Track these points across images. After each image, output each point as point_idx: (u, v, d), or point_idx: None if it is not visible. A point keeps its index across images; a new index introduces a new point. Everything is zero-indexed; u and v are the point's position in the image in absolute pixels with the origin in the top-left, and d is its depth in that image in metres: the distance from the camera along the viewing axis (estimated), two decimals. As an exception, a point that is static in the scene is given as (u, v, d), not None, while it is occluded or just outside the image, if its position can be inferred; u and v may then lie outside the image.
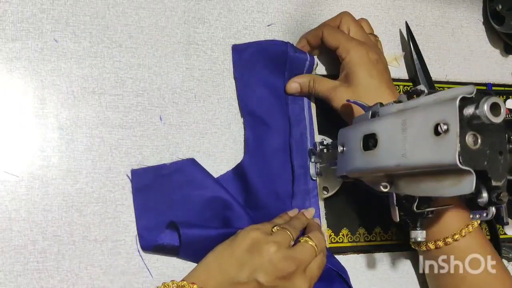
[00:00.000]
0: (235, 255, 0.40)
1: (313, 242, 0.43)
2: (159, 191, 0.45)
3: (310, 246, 0.43)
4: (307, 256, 0.42)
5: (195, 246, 0.44)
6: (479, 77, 0.61)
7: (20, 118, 0.43)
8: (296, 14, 0.54)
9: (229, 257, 0.40)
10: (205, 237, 0.44)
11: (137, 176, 0.45)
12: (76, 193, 0.43)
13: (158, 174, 0.46)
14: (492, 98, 0.29)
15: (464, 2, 0.62)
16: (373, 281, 0.52)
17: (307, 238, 0.43)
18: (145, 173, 0.45)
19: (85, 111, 0.44)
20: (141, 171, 0.45)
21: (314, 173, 0.50)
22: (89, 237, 0.43)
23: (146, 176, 0.45)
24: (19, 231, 0.41)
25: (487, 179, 0.31)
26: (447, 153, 0.30)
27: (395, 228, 0.53)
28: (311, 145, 0.50)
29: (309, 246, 0.43)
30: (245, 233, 0.42)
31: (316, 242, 0.43)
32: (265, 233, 0.42)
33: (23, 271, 0.41)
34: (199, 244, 0.43)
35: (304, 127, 0.51)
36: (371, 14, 0.57)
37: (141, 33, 0.47)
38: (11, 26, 0.43)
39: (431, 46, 0.59)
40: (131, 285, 0.44)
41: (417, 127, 0.33)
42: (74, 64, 0.45)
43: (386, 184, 0.38)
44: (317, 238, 0.44)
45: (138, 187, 0.45)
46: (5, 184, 0.42)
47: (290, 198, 0.49)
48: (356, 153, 0.40)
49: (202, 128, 0.49)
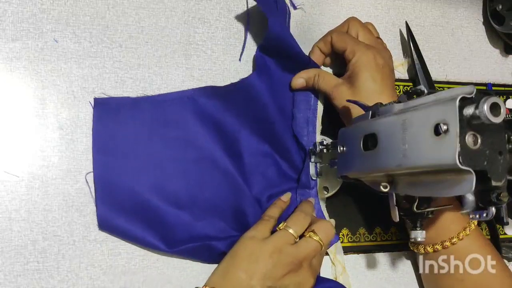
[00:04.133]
0: (241, 269, 0.40)
1: (318, 236, 0.43)
2: (130, 126, 0.43)
3: (314, 241, 0.43)
4: (311, 252, 0.42)
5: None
6: (479, 77, 0.61)
7: (20, 118, 0.43)
8: (297, 14, 0.54)
9: (235, 273, 0.40)
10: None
11: (100, 105, 0.43)
12: (76, 193, 0.43)
13: (132, 105, 0.43)
14: (492, 98, 0.29)
15: (464, 2, 0.62)
16: (373, 281, 0.52)
17: (311, 232, 0.43)
18: (114, 102, 0.43)
19: (85, 111, 0.44)
20: (108, 99, 0.43)
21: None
22: (89, 237, 0.43)
23: (114, 105, 0.43)
24: (19, 231, 0.41)
25: (487, 179, 0.31)
26: (447, 153, 0.30)
27: (395, 228, 0.53)
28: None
29: (313, 242, 0.43)
30: (243, 245, 0.42)
31: (321, 236, 0.43)
32: (262, 239, 0.42)
33: (23, 271, 0.41)
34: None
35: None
36: (371, 14, 0.57)
37: (141, 33, 0.47)
38: (11, 26, 0.43)
39: (431, 46, 0.59)
40: (131, 285, 0.44)
41: (417, 127, 0.33)
42: (74, 64, 0.45)
43: (386, 184, 0.38)
44: (323, 231, 0.44)
45: (100, 117, 0.42)
46: (5, 184, 0.42)
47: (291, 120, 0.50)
48: (356, 153, 0.40)
49: (202, 128, 0.48)
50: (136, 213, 0.43)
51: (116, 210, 0.43)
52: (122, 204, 0.43)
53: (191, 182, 0.46)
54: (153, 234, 0.43)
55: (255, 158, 0.49)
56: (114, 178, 0.43)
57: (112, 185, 0.43)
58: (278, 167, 0.50)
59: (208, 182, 0.46)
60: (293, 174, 0.51)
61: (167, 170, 0.45)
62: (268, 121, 0.49)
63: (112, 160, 0.43)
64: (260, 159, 0.49)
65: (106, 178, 0.43)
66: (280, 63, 0.49)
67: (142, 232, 0.43)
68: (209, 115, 0.47)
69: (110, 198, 0.43)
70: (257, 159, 0.49)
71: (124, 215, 0.43)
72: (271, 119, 0.49)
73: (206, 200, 0.46)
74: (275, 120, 0.49)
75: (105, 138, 0.43)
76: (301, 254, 0.42)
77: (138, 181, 0.44)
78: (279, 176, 0.50)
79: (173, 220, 0.44)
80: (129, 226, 0.43)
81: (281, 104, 0.50)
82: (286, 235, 0.43)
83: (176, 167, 0.45)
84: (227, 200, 0.47)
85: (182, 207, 0.45)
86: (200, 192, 0.46)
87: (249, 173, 0.48)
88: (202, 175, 0.46)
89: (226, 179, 0.47)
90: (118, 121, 0.44)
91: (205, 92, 0.47)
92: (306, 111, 0.51)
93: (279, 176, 0.50)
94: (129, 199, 0.43)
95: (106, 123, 0.43)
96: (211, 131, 0.47)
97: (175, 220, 0.44)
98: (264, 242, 0.42)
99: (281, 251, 0.41)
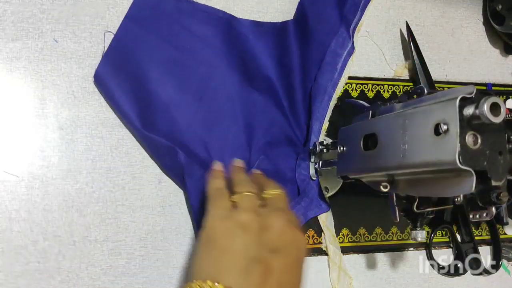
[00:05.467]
0: (231, 250, 0.36)
1: (277, 189, 0.41)
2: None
3: (277, 193, 0.40)
4: (281, 200, 0.40)
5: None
6: (479, 77, 0.61)
7: (20, 118, 0.43)
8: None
9: (226, 255, 0.36)
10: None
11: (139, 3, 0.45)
12: (76, 193, 0.43)
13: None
14: (492, 98, 0.29)
15: (464, 2, 0.62)
16: (373, 281, 0.52)
17: (268, 190, 0.40)
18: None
19: (85, 111, 0.44)
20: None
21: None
22: (89, 237, 0.43)
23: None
24: (19, 231, 0.41)
25: (487, 179, 0.31)
26: (447, 153, 0.30)
27: (396, 228, 0.53)
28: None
29: (276, 193, 0.40)
30: (217, 227, 0.37)
31: (275, 187, 0.41)
32: (229, 213, 0.38)
33: (23, 272, 0.41)
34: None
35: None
36: (371, 14, 0.57)
37: (141, 33, 0.47)
38: (11, 26, 0.43)
39: (431, 46, 0.59)
40: (131, 286, 0.44)
41: (417, 127, 0.33)
42: (74, 64, 0.45)
43: (386, 184, 0.38)
44: (273, 184, 0.42)
45: (134, 15, 0.45)
46: (5, 184, 0.42)
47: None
48: (356, 153, 0.40)
49: (202, 128, 0.48)
50: (131, 83, 0.44)
51: (116, 72, 0.44)
52: (125, 70, 0.45)
53: (198, 92, 0.47)
54: (136, 109, 0.44)
55: (267, 101, 0.49)
56: (131, 47, 0.45)
57: (125, 51, 0.45)
58: (286, 118, 0.50)
59: (214, 102, 0.48)
60: (294, 136, 0.51)
61: (179, 71, 0.46)
62: (290, 70, 0.50)
63: (138, 31, 0.45)
64: (271, 103, 0.50)
65: (123, 43, 0.45)
66: (316, 22, 0.50)
67: (127, 102, 0.44)
68: (239, 43, 0.49)
69: (117, 59, 0.45)
70: (269, 102, 0.49)
71: (120, 79, 0.44)
72: (293, 71, 0.50)
73: (204, 118, 0.47)
74: (296, 74, 0.50)
75: (141, 9, 0.46)
76: (278, 205, 0.39)
77: (150, 61, 0.46)
78: (282, 129, 0.50)
79: (162, 109, 0.45)
80: (119, 91, 0.44)
81: (306, 62, 0.50)
82: (248, 198, 0.39)
83: (191, 72, 0.47)
84: (223, 125, 0.47)
85: (178, 105, 0.46)
86: (201, 106, 0.47)
87: (256, 113, 0.49)
88: (214, 95, 0.48)
89: (232, 105, 0.48)
90: (156, 6, 0.46)
91: (243, 23, 0.49)
92: (328, 81, 0.51)
93: (281, 130, 0.50)
94: (133, 71, 0.45)
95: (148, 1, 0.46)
96: (235, 58, 0.49)
97: (164, 110, 0.45)
98: (234, 213, 0.37)
99: (255, 213, 0.37)
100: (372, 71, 0.55)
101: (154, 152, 0.45)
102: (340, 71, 0.51)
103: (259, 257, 0.35)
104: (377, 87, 0.55)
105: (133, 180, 0.45)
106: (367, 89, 0.54)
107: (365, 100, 0.53)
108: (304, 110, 0.51)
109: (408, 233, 0.53)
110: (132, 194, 0.45)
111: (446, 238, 0.55)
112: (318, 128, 0.50)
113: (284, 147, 0.50)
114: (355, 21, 0.52)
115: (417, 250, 0.54)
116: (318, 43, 0.51)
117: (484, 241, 0.56)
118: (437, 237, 0.55)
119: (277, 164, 0.49)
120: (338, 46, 0.51)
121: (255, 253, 0.35)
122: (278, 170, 0.49)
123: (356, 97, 0.53)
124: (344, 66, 0.51)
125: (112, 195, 0.44)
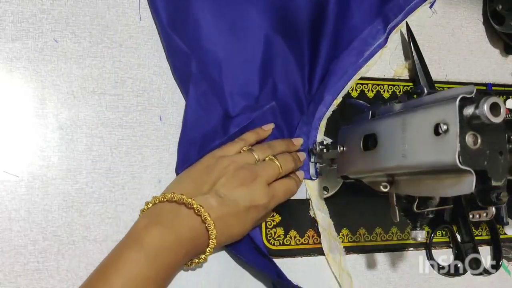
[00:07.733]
0: (192, 179, 0.41)
1: (278, 162, 0.43)
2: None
3: (273, 163, 0.42)
4: (267, 169, 0.42)
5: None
6: (479, 77, 0.61)
7: (20, 118, 0.43)
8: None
9: (188, 182, 0.41)
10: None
11: None
12: (76, 193, 0.43)
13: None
14: (492, 98, 0.29)
15: (464, 2, 0.62)
16: (373, 281, 0.52)
17: (272, 157, 0.43)
18: None
19: (85, 111, 0.44)
20: None
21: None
22: (89, 237, 0.43)
23: None
24: (19, 231, 0.41)
25: (487, 179, 0.31)
26: (447, 153, 0.30)
27: (396, 228, 0.53)
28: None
29: (271, 163, 0.42)
30: (203, 160, 0.43)
31: (281, 163, 0.43)
32: (222, 155, 0.42)
33: (23, 271, 0.41)
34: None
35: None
36: (371, 14, 0.57)
37: (141, 33, 0.47)
38: (11, 26, 0.43)
39: (431, 46, 0.59)
40: (131, 285, 0.44)
41: (417, 127, 0.33)
42: (74, 64, 0.45)
43: (386, 184, 0.38)
44: (285, 161, 0.43)
45: None
46: (5, 184, 0.42)
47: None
48: (356, 153, 0.40)
49: (202, 128, 0.48)
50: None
51: None
52: None
53: (229, 22, 0.49)
54: (169, 9, 0.46)
55: (290, 57, 0.50)
56: None
57: None
58: (302, 80, 0.51)
59: (241, 33, 0.49)
60: (303, 98, 0.51)
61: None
62: (321, 36, 0.51)
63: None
64: (293, 60, 0.50)
65: None
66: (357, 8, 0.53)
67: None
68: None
69: None
70: (292, 57, 0.50)
71: None
72: (325, 37, 0.51)
73: (226, 43, 0.48)
74: (324, 43, 0.51)
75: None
76: (258, 170, 0.41)
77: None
78: (295, 88, 0.50)
79: (191, 20, 0.47)
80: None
81: (337, 36, 0.52)
82: (247, 155, 0.42)
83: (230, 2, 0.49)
84: (241, 57, 0.49)
85: (207, 24, 0.48)
86: (228, 33, 0.49)
87: (277, 62, 0.49)
88: (243, 30, 0.49)
89: (257, 46, 0.49)
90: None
91: None
92: (350, 64, 0.52)
93: (294, 88, 0.50)
94: None
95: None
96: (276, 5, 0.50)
97: (192, 21, 0.47)
98: (222, 157, 0.42)
99: (237, 164, 0.41)
100: (372, 71, 0.55)
101: (170, 53, 0.47)
102: (367, 57, 0.53)
103: (213, 182, 0.40)
104: (377, 87, 0.55)
105: (133, 180, 0.45)
106: (367, 89, 0.55)
107: (365, 100, 0.54)
108: (319, 81, 0.52)
109: (408, 233, 0.53)
110: (132, 193, 0.45)
111: (446, 238, 0.55)
112: (330, 100, 0.51)
113: (291, 103, 0.50)
114: (396, 21, 0.55)
115: (417, 250, 0.54)
116: (351, 28, 0.53)
117: (484, 241, 0.56)
118: (437, 237, 0.55)
119: (279, 118, 0.50)
120: (370, 36, 0.53)
121: (208, 189, 0.40)
122: (280, 125, 0.50)
123: (356, 97, 0.54)
124: (372, 55, 0.53)
125: (111, 195, 0.44)
